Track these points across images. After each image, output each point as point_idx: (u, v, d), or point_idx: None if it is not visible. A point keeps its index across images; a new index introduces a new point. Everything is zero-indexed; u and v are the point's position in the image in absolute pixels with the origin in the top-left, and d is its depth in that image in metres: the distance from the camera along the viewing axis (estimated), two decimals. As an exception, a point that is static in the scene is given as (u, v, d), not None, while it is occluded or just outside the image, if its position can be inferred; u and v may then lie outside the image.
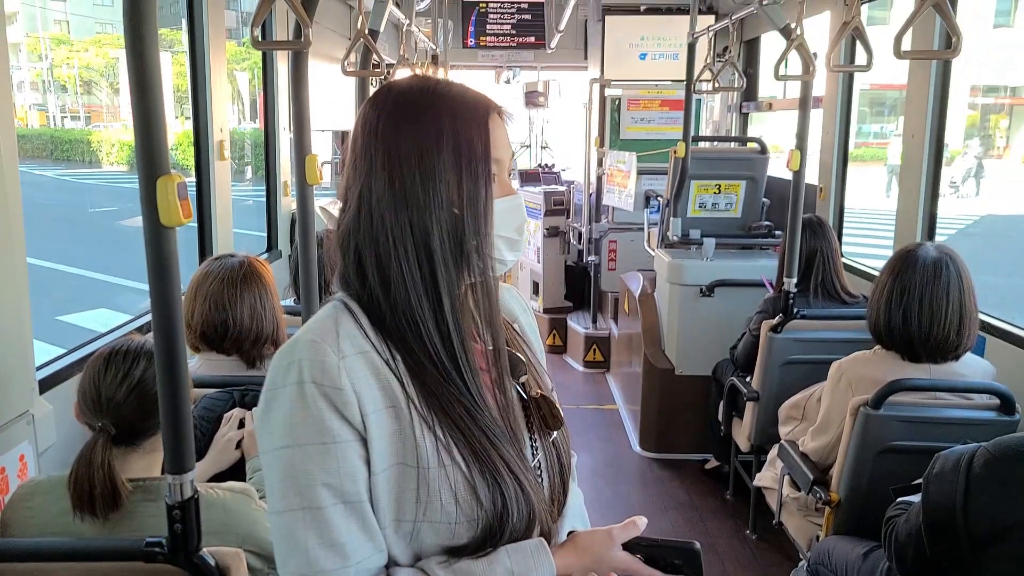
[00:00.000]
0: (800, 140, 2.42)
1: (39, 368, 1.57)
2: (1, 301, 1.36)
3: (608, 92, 4.80)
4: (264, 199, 3.36)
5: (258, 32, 1.43)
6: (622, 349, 4.29)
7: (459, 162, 0.80)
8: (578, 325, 4.90)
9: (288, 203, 3.35)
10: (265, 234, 3.37)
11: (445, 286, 0.80)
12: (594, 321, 4.86)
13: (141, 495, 1.17)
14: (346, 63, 2.15)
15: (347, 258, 0.83)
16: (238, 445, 1.54)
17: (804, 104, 2.40)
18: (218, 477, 1.49)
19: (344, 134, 4.16)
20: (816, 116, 2.78)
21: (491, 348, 0.86)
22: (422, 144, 0.80)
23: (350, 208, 0.83)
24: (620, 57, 4.79)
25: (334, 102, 3.82)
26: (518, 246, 0.90)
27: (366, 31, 2.07)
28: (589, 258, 4.80)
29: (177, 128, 14.75)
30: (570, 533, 0.84)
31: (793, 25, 2.31)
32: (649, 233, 3.90)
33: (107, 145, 20.22)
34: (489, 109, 0.84)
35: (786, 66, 2.40)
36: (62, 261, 8.24)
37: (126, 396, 1.19)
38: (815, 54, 2.36)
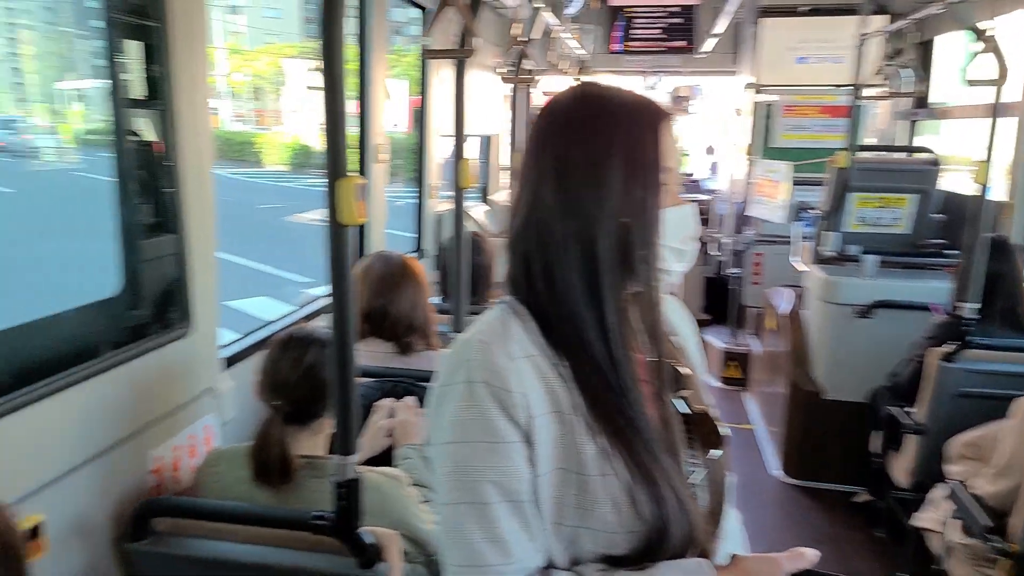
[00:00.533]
0: (989, 152, 2.18)
1: (222, 348, 1.73)
2: (198, 289, 1.52)
3: (759, 98, 4.58)
4: (405, 201, 3.49)
5: (429, 41, 1.50)
6: (764, 368, 4.08)
7: (629, 170, 0.79)
8: (716, 339, 4.72)
9: (432, 205, 3.47)
10: (411, 235, 3.51)
11: (609, 295, 0.79)
12: (734, 336, 4.66)
13: (309, 471, 1.27)
14: (499, 69, 2.21)
15: (515, 263, 0.84)
16: (388, 433, 1.62)
17: (996, 112, 2.16)
18: (367, 463, 1.57)
19: (489, 139, 4.26)
20: (1003, 125, 2.49)
21: (652, 359, 0.85)
22: (592, 152, 0.80)
23: (520, 214, 0.84)
24: (776, 61, 4.55)
25: (481, 107, 3.92)
26: (686, 257, 0.88)
27: (520, 38, 2.12)
28: (731, 270, 4.60)
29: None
30: (734, 556, 0.80)
31: (986, 25, 2.09)
32: (801, 248, 3.67)
33: (270, 147, 22.06)
34: (660, 116, 0.82)
35: (968, 71, 2.17)
36: (231, 252, 9.08)
37: (299, 379, 1.29)
38: None
